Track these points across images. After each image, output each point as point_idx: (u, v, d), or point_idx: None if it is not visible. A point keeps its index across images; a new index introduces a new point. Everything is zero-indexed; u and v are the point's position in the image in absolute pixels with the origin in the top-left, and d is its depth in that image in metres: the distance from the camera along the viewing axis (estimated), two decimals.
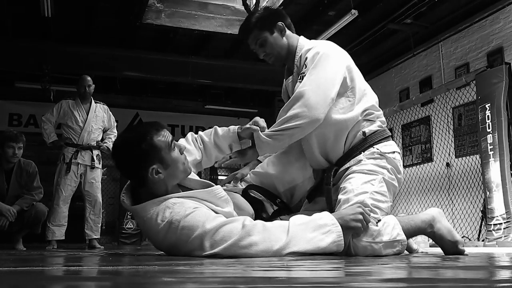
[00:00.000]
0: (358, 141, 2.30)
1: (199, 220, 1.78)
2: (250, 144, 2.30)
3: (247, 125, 2.25)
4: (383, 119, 2.39)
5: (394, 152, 2.32)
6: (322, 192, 2.35)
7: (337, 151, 2.33)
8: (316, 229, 1.83)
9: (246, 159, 2.34)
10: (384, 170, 2.26)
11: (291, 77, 2.46)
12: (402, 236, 2.10)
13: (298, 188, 2.47)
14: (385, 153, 2.28)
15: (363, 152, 2.28)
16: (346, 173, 2.29)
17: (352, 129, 2.30)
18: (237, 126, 2.29)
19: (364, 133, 2.29)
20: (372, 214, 2.06)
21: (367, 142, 2.29)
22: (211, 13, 7.02)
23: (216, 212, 1.89)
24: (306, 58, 2.31)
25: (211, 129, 2.33)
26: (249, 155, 2.32)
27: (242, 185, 2.46)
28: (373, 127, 2.32)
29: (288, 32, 2.46)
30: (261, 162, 2.58)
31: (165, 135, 1.91)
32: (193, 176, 2.13)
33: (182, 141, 2.26)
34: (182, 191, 1.99)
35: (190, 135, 2.32)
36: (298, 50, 2.42)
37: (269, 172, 2.47)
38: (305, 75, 2.26)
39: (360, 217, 1.93)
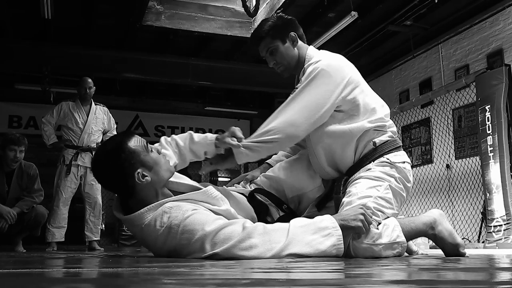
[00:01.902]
0: (368, 151, 2.28)
1: (198, 223, 1.78)
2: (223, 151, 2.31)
3: (225, 138, 2.23)
4: (394, 129, 2.37)
5: (404, 162, 2.31)
6: (331, 200, 2.35)
7: (346, 162, 2.32)
8: (316, 231, 1.83)
9: (225, 165, 2.34)
10: (392, 178, 2.24)
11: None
12: (402, 238, 2.10)
13: (306, 196, 2.45)
14: (395, 162, 2.27)
15: (373, 161, 2.27)
16: (354, 179, 2.28)
17: (361, 139, 2.28)
18: (215, 136, 2.28)
19: (374, 143, 2.27)
20: (374, 217, 2.07)
21: (377, 152, 2.28)
22: (211, 15, 7.03)
23: (215, 212, 1.89)
24: (305, 72, 2.30)
25: (186, 134, 2.32)
26: (228, 162, 2.32)
27: (251, 187, 2.47)
28: (384, 137, 2.30)
29: (300, 42, 2.45)
30: (272, 166, 2.58)
31: (137, 140, 1.94)
32: (183, 179, 2.13)
33: (156, 146, 2.26)
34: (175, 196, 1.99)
35: (163, 139, 2.31)
36: (306, 62, 2.40)
37: (280, 177, 2.46)
38: (297, 89, 2.27)
39: (361, 217, 1.92)
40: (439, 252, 2.36)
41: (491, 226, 5.16)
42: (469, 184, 6.43)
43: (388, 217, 2.17)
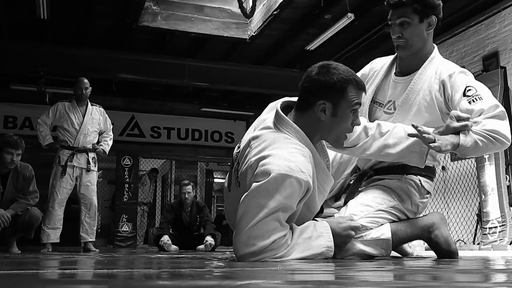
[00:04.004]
0: (403, 163, 2.21)
1: (280, 192, 1.73)
2: None
3: (452, 123, 1.99)
4: (439, 160, 2.33)
5: (429, 193, 2.29)
6: (348, 188, 2.34)
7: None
8: (307, 249, 1.85)
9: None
10: (408, 201, 2.21)
11: (408, 78, 2.26)
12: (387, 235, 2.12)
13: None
14: (423, 188, 2.24)
15: (406, 175, 2.22)
16: (378, 181, 2.25)
17: None
18: (432, 136, 1.96)
19: None
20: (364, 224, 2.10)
21: (414, 169, 2.21)
22: (208, 16, 7.03)
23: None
24: (468, 88, 2.12)
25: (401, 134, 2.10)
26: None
27: None
28: (428, 162, 2.20)
29: (432, 31, 2.28)
30: None
31: (358, 96, 1.89)
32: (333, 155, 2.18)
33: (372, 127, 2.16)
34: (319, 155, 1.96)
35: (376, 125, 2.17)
36: (431, 59, 2.25)
37: None
38: (477, 99, 2.08)
39: (350, 240, 2.00)
40: (434, 254, 2.36)
41: (486, 228, 5.17)
42: (464, 186, 6.44)
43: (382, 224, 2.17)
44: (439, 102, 2.17)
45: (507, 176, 5.33)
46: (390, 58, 2.43)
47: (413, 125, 1.99)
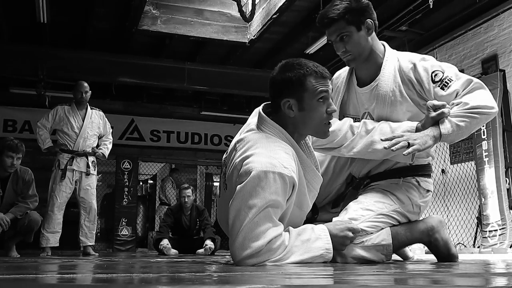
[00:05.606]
0: (401, 166, 2.22)
1: (265, 189, 1.74)
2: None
3: (430, 114, 2.03)
4: (433, 154, 2.32)
5: (429, 191, 2.28)
6: (345, 197, 2.33)
7: (379, 166, 2.26)
8: (307, 251, 1.85)
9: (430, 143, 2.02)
10: (409, 202, 2.20)
11: (371, 86, 2.24)
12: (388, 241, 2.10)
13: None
14: (422, 187, 2.24)
15: (403, 177, 2.22)
16: (377, 184, 2.25)
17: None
18: (412, 126, 2.08)
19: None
20: (365, 229, 2.08)
21: (410, 171, 2.23)
22: (207, 20, 7.04)
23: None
24: (434, 73, 2.12)
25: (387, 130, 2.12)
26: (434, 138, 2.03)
27: None
28: (422, 160, 2.23)
29: (373, 33, 2.25)
30: None
31: (322, 84, 1.90)
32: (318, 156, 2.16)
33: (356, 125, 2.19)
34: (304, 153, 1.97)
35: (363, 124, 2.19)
36: (386, 60, 2.24)
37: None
38: (448, 82, 2.10)
39: (348, 241, 1.98)
40: (434, 257, 2.36)
41: (486, 231, 5.17)
42: (464, 189, 6.44)
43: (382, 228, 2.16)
44: (412, 97, 2.19)
45: (507, 179, 5.34)
46: (346, 69, 2.41)
47: (381, 139, 2.03)
